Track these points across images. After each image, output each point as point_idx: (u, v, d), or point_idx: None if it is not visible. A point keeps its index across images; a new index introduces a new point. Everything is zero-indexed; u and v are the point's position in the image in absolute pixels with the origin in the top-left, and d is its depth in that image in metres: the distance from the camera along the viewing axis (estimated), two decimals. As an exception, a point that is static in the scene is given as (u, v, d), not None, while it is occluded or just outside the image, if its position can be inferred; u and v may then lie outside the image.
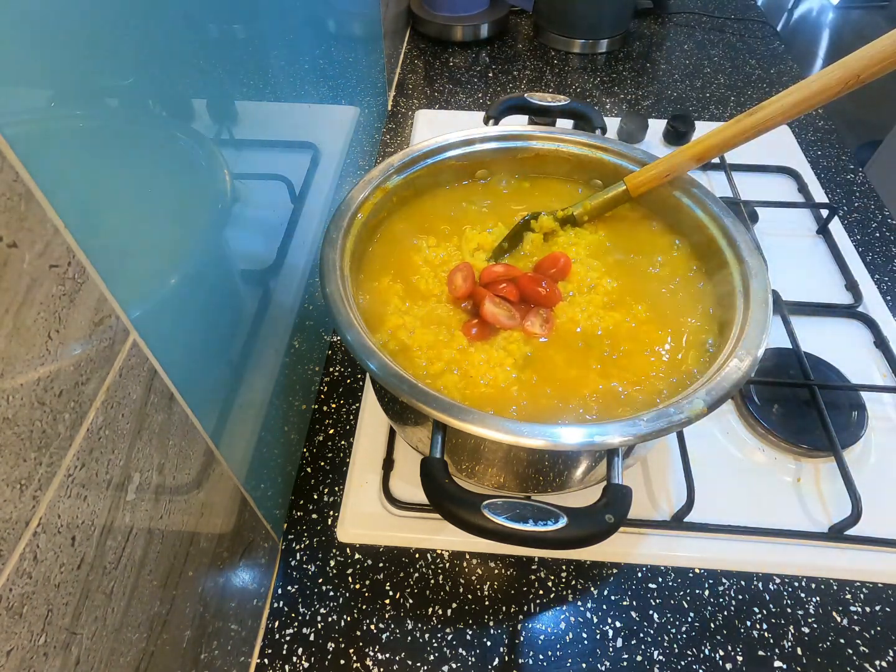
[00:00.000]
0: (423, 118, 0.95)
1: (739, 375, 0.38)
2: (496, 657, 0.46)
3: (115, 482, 0.27)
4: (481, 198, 0.57)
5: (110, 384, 0.26)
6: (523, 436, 0.35)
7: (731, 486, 0.54)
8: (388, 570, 0.50)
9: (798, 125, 0.95)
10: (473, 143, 0.55)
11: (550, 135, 0.56)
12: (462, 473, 0.47)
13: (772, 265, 0.68)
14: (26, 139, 0.20)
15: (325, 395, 0.62)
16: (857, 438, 0.55)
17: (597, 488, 0.37)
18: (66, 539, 0.24)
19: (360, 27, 0.80)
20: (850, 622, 0.48)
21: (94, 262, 0.24)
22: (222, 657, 0.41)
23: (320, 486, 0.55)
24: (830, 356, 0.61)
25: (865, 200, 0.83)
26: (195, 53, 0.35)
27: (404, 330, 0.45)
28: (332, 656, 0.46)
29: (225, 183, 0.39)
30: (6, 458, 0.20)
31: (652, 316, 0.47)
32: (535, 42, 1.16)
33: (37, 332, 0.21)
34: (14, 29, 0.21)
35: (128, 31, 0.28)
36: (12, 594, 0.21)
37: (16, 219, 0.20)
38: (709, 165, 0.84)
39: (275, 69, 0.48)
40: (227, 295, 0.41)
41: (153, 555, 0.31)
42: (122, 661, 0.28)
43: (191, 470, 0.34)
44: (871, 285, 0.70)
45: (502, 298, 0.46)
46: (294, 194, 0.53)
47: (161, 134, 0.32)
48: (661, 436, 0.36)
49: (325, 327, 0.66)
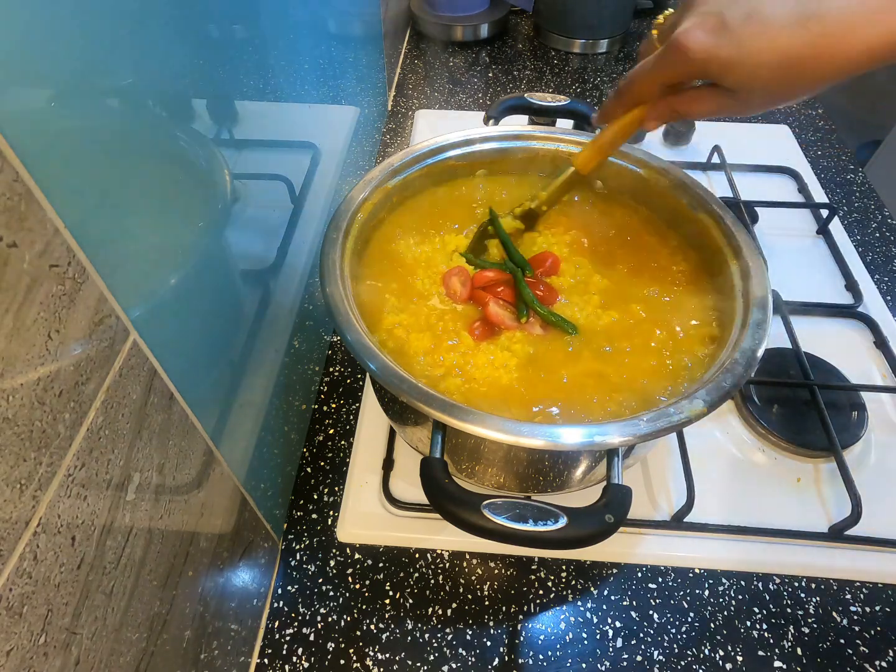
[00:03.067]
0: (423, 118, 0.95)
1: (739, 375, 0.38)
2: (496, 657, 0.46)
3: (115, 482, 0.27)
4: (481, 198, 0.57)
5: (110, 384, 0.26)
6: (523, 436, 0.35)
7: (731, 486, 0.54)
8: (388, 570, 0.50)
9: (798, 125, 0.95)
10: (473, 143, 0.55)
11: (550, 135, 0.56)
12: (462, 473, 0.47)
13: (772, 265, 0.68)
14: (26, 139, 0.20)
15: (325, 395, 0.62)
16: (857, 438, 0.55)
17: (597, 488, 0.37)
18: (66, 539, 0.24)
19: (360, 27, 0.80)
20: (850, 622, 0.48)
21: (94, 262, 0.24)
22: (222, 657, 0.41)
23: (320, 486, 0.55)
24: (830, 356, 0.61)
25: (865, 200, 0.83)
26: (195, 53, 0.35)
27: (402, 329, 0.45)
28: (332, 656, 0.46)
29: (225, 183, 0.39)
30: (6, 458, 0.20)
31: (650, 315, 0.47)
32: (535, 42, 1.16)
33: (37, 332, 0.21)
34: (14, 29, 0.21)
35: (128, 31, 0.28)
36: (12, 594, 0.21)
37: (16, 219, 0.20)
38: (709, 165, 0.84)
39: (275, 69, 0.48)
40: (227, 295, 0.41)
41: (153, 555, 0.31)
42: (122, 660, 0.28)
43: (191, 470, 0.34)
44: (871, 285, 0.70)
45: (504, 301, 0.47)
46: (294, 194, 0.53)
47: (161, 134, 0.32)
48: (661, 436, 0.36)
49: (325, 327, 0.66)
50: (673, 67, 0.38)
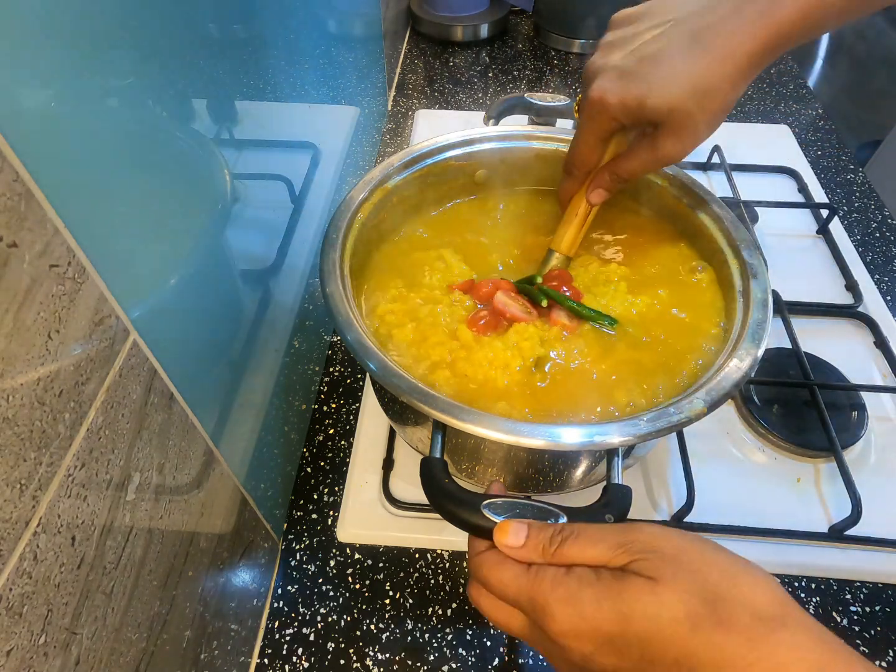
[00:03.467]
0: (423, 118, 0.95)
1: (739, 375, 0.38)
2: (496, 657, 0.46)
3: (115, 482, 0.27)
4: (481, 197, 0.57)
5: (110, 384, 0.26)
6: (523, 436, 0.35)
7: (731, 486, 0.54)
8: (388, 570, 0.50)
9: (798, 125, 0.95)
10: (473, 143, 0.55)
11: (550, 135, 0.56)
12: (462, 473, 0.47)
13: (772, 265, 0.68)
14: (26, 139, 0.20)
15: (325, 395, 0.62)
16: (857, 438, 0.55)
17: (597, 488, 0.37)
18: (66, 539, 0.24)
19: (360, 27, 0.80)
20: (850, 622, 0.48)
21: (94, 262, 0.24)
22: (222, 657, 0.41)
23: (320, 486, 0.55)
24: (830, 356, 0.61)
25: (865, 200, 0.83)
26: (195, 53, 0.35)
27: (393, 316, 0.45)
28: (332, 656, 0.46)
29: (225, 183, 0.39)
30: (6, 458, 0.20)
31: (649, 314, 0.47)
32: (535, 42, 1.16)
33: (37, 332, 0.21)
34: (14, 29, 0.21)
35: (128, 30, 0.28)
36: (12, 594, 0.21)
37: (16, 219, 0.20)
38: (709, 165, 0.84)
39: (275, 69, 0.48)
40: (227, 295, 0.41)
41: (153, 555, 0.31)
42: (122, 660, 0.28)
43: (191, 470, 0.34)
44: (871, 285, 0.70)
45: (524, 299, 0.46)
46: (294, 194, 0.53)
47: (161, 134, 0.32)
48: (660, 436, 0.36)
49: (325, 327, 0.66)
50: (599, 122, 0.42)
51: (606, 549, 0.29)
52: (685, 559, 0.28)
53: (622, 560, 0.28)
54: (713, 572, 0.27)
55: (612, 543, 0.29)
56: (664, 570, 0.27)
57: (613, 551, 0.29)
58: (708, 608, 0.26)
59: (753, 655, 0.25)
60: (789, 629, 0.25)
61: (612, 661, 0.27)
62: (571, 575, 0.28)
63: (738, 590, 0.27)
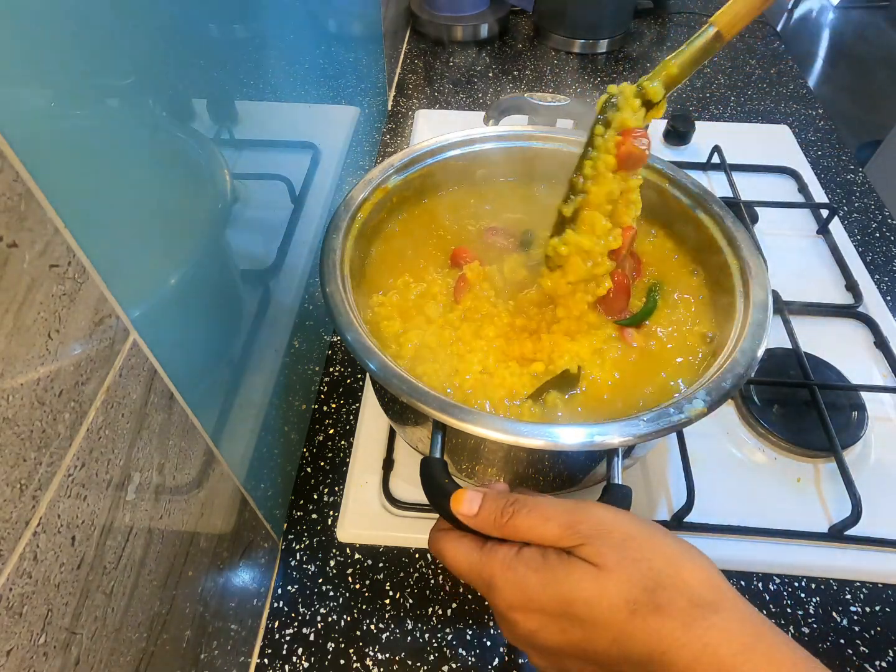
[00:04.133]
0: (423, 118, 0.95)
1: (739, 375, 0.38)
2: (496, 657, 0.46)
3: (115, 482, 0.27)
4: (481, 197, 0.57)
5: (110, 384, 0.26)
6: (523, 436, 0.35)
7: (732, 486, 0.54)
8: (388, 570, 0.50)
9: (798, 125, 0.95)
10: (473, 143, 0.55)
11: (550, 135, 0.56)
12: (462, 473, 0.47)
13: (772, 265, 0.68)
14: (26, 139, 0.20)
15: (325, 395, 0.62)
16: (857, 438, 0.55)
17: (597, 488, 0.37)
18: (66, 539, 0.24)
19: (360, 27, 0.80)
20: (850, 622, 0.48)
21: (94, 262, 0.24)
22: (222, 657, 0.41)
23: (320, 486, 0.55)
24: (830, 356, 0.61)
25: (865, 200, 0.83)
26: (195, 53, 0.35)
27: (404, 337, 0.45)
28: (332, 656, 0.46)
29: (225, 183, 0.39)
30: (6, 458, 0.20)
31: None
32: (535, 42, 1.16)
33: (37, 332, 0.21)
34: (14, 29, 0.21)
35: (128, 30, 0.28)
36: (12, 594, 0.21)
37: (16, 219, 0.20)
38: (709, 165, 0.84)
39: (275, 69, 0.48)
40: (227, 295, 0.41)
41: (153, 555, 0.31)
42: (121, 660, 0.28)
43: (191, 470, 0.34)
44: (871, 285, 0.70)
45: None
46: (294, 194, 0.53)
47: (161, 134, 0.32)
48: (660, 436, 0.36)
49: (325, 327, 0.66)
50: None
51: (556, 528, 0.30)
52: (631, 545, 0.29)
53: (569, 542, 0.30)
54: (657, 559, 0.29)
55: (561, 522, 0.30)
56: (609, 558, 0.29)
57: (563, 531, 0.30)
58: (647, 595, 0.28)
59: (686, 637, 0.27)
60: (721, 613, 0.28)
61: (556, 638, 0.29)
62: (520, 558, 0.30)
63: (679, 577, 0.28)
